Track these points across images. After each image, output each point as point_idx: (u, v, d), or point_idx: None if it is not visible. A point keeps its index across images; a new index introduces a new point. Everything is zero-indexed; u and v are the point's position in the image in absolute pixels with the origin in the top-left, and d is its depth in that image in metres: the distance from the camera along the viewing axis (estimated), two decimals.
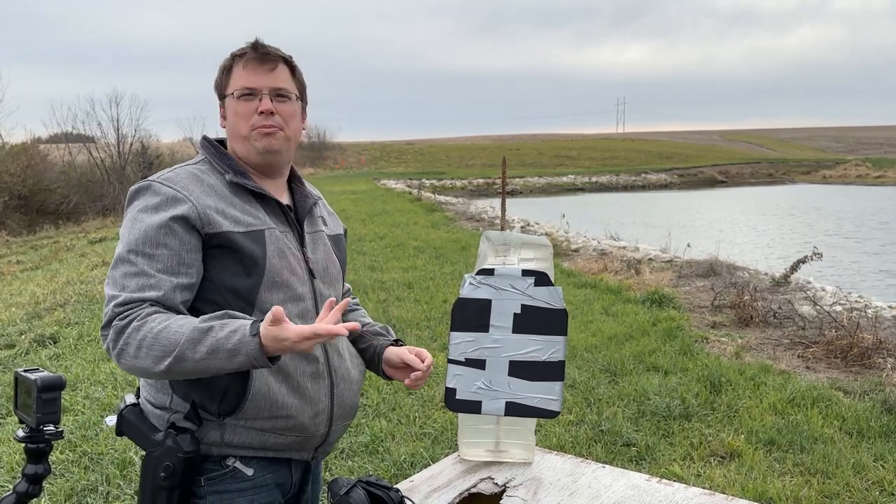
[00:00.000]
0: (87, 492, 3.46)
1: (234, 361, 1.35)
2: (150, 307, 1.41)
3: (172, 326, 1.37)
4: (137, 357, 1.38)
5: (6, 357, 5.90)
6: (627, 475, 1.85)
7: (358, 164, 55.96)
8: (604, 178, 47.06)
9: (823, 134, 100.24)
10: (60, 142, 32.96)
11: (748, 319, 6.71)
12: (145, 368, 1.39)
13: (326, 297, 1.61)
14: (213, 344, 1.34)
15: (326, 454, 1.73)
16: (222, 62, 1.60)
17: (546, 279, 1.83)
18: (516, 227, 14.70)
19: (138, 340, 1.37)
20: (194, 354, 1.35)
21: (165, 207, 1.46)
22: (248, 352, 1.34)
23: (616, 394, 4.77)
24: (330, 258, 1.68)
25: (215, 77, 1.62)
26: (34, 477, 1.30)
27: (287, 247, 1.56)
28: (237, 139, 1.59)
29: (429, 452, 3.83)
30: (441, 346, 5.74)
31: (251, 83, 1.55)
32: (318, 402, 1.56)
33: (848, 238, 17.93)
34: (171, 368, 1.37)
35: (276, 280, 1.51)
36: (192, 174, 1.54)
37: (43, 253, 15.56)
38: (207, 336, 1.35)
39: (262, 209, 1.56)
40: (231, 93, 1.57)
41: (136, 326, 1.38)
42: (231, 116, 1.58)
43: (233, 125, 1.58)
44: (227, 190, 1.54)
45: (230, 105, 1.58)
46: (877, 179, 45.83)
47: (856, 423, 4.21)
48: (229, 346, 1.34)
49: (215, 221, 1.47)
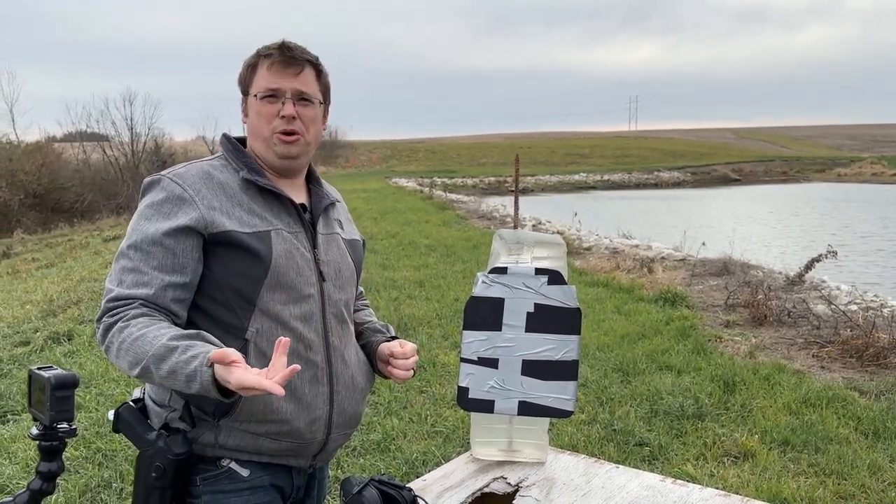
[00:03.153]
0: (100, 488, 3.48)
1: (191, 387, 1.32)
2: (139, 308, 1.42)
3: (148, 336, 1.37)
4: (118, 357, 1.40)
5: (21, 354, 5.96)
6: (641, 475, 1.83)
7: (369, 162, 56.03)
8: (616, 176, 46.89)
9: (838, 132, 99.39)
10: (75, 140, 33.23)
11: (762, 318, 6.66)
12: (123, 370, 1.41)
13: (336, 301, 1.60)
14: (174, 366, 1.33)
15: (327, 462, 1.71)
16: (248, 58, 1.59)
17: (559, 278, 1.82)
18: (528, 226, 14.67)
19: (119, 342, 1.39)
20: (158, 371, 1.35)
21: (171, 211, 1.47)
22: (202, 382, 1.30)
23: (629, 393, 4.75)
24: (344, 260, 1.65)
25: (239, 72, 1.61)
26: (48, 475, 1.30)
27: (296, 247, 1.54)
28: (257, 139, 1.59)
29: (440, 451, 3.82)
30: (453, 345, 5.74)
31: (275, 85, 1.54)
32: (315, 408, 1.54)
33: (867, 237, 17.77)
34: (141, 377, 1.39)
35: (281, 281, 1.50)
36: (203, 171, 1.54)
37: (58, 251, 15.69)
38: (171, 356, 1.34)
39: (274, 208, 1.55)
40: (255, 93, 1.56)
41: (120, 327, 1.40)
42: (253, 116, 1.57)
43: (254, 125, 1.58)
44: (238, 187, 1.53)
45: (252, 104, 1.57)
46: (892, 177, 45.39)
47: (871, 424, 4.17)
48: (187, 370, 1.32)
49: (219, 222, 1.47)
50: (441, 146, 69.13)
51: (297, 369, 1.28)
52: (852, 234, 18.41)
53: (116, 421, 1.54)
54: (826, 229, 19.33)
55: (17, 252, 16.94)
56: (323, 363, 1.56)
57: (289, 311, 1.51)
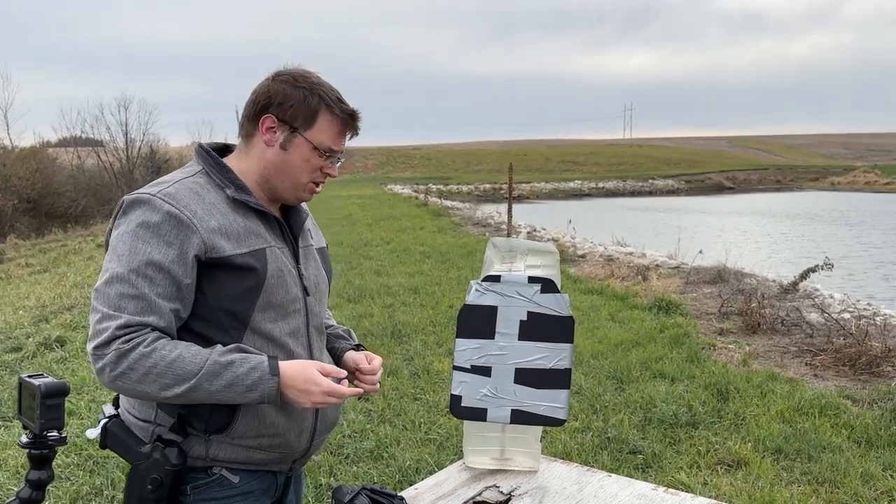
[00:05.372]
0: (91, 496, 3.46)
1: (248, 397, 1.42)
2: (154, 333, 1.40)
3: (186, 356, 1.39)
4: (142, 382, 1.38)
5: (13, 360, 5.92)
6: (634, 484, 1.83)
7: (365, 168, 56.06)
8: (610, 183, 47.03)
9: (832, 140, 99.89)
10: (69, 145, 33.17)
11: (756, 327, 6.68)
12: (146, 393, 1.39)
13: (316, 314, 1.63)
14: (233, 379, 1.40)
15: (304, 465, 1.75)
16: (304, 91, 1.52)
17: (552, 286, 1.82)
18: (522, 233, 14.67)
19: (147, 367, 1.37)
20: (210, 386, 1.39)
21: (173, 235, 1.42)
22: (265, 389, 1.41)
23: (622, 401, 4.75)
24: (320, 273, 1.68)
25: (287, 98, 1.52)
26: (37, 483, 1.29)
27: (284, 265, 1.55)
28: (288, 181, 1.56)
29: (434, 459, 3.81)
30: (447, 352, 5.73)
31: (338, 148, 1.58)
32: (304, 420, 1.57)
33: (865, 245, 17.78)
34: (182, 395, 1.39)
35: (271, 300, 1.51)
36: (192, 190, 1.49)
37: (51, 256, 15.64)
38: (227, 370, 1.40)
39: (262, 225, 1.54)
40: (316, 144, 1.54)
41: (144, 353, 1.37)
42: (298, 160, 1.55)
43: (294, 167, 1.55)
44: (227, 206, 1.51)
45: (303, 149, 1.54)
46: (885, 186, 45.63)
47: (864, 432, 4.17)
48: (248, 382, 1.40)
49: (219, 246, 1.45)
50: (437, 153, 69.26)
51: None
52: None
53: (105, 437, 1.51)
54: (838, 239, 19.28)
55: (10, 257, 16.88)
56: None
57: (279, 329, 1.53)
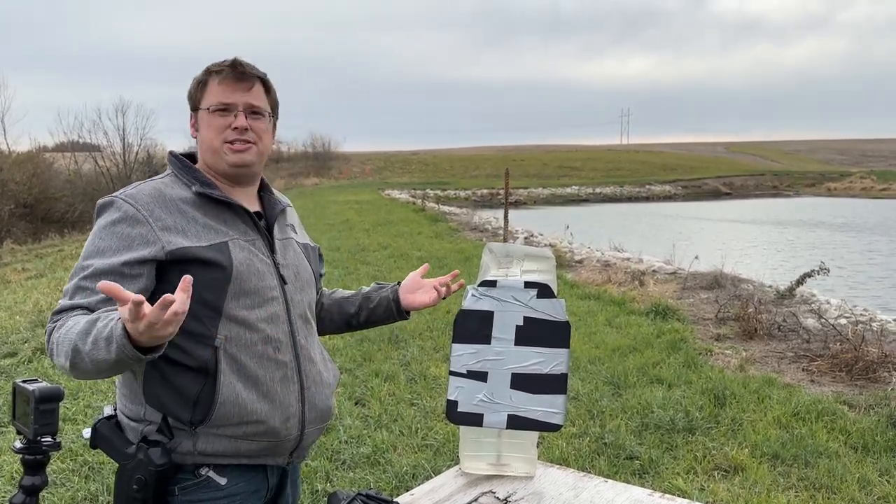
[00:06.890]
0: (87, 501, 3.44)
1: (111, 350, 1.29)
2: (78, 311, 1.44)
3: (76, 323, 1.39)
4: (58, 355, 1.41)
5: (9, 365, 5.90)
6: (630, 490, 1.83)
7: (362, 173, 56.10)
8: (608, 189, 47.14)
9: (828, 146, 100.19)
10: (66, 150, 33.14)
11: (752, 332, 6.68)
12: (62, 367, 1.41)
13: (298, 302, 1.66)
14: (96, 333, 1.33)
15: (303, 458, 1.75)
16: (197, 75, 1.65)
17: (549, 291, 1.82)
18: (520, 238, 14.69)
19: (57, 340, 1.41)
20: (84, 346, 1.34)
21: (126, 233, 1.49)
22: (115, 333, 1.28)
23: (619, 406, 4.75)
24: (301, 263, 1.72)
25: (188, 89, 1.66)
26: (31, 489, 1.29)
27: (254, 254, 1.59)
28: (209, 151, 1.63)
29: (430, 464, 3.81)
30: (444, 357, 5.73)
31: (227, 99, 1.60)
32: (288, 406, 1.58)
33: (865, 253, 17.81)
34: (74, 364, 1.37)
35: (244, 287, 1.54)
36: (156, 190, 1.57)
37: (48, 261, 15.61)
38: (93, 326, 1.35)
39: (229, 219, 1.60)
40: (207, 107, 1.61)
41: (59, 326, 1.42)
42: (204, 129, 1.62)
43: (206, 137, 1.62)
44: (192, 202, 1.57)
45: (204, 117, 1.62)
46: (882, 192, 45.78)
47: (861, 438, 4.18)
48: (105, 333, 1.31)
49: (175, 241, 1.51)
50: (434, 158, 69.33)
51: (190, 279, 1.25)
52: None
53: (94, 437, 1.55)
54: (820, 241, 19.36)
55: (6, 262, 16.84)
56: (292, 362, 1.61)
57: (255, 315, 1.55)
